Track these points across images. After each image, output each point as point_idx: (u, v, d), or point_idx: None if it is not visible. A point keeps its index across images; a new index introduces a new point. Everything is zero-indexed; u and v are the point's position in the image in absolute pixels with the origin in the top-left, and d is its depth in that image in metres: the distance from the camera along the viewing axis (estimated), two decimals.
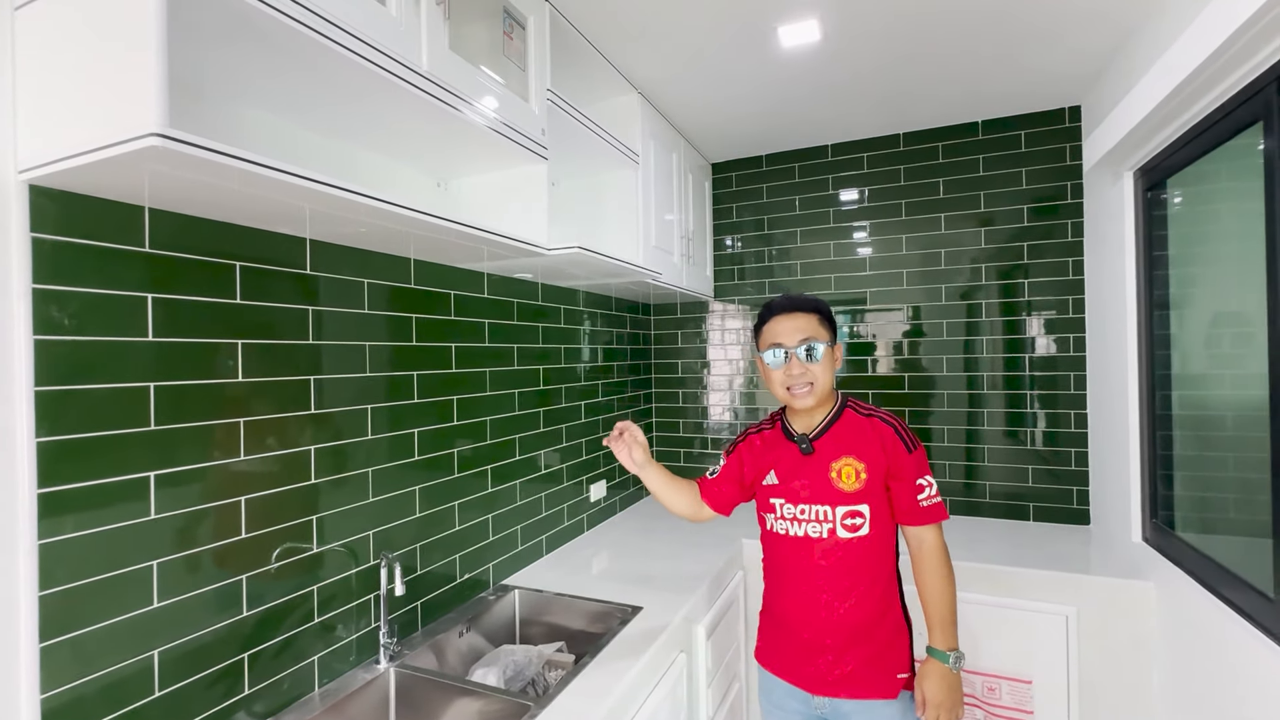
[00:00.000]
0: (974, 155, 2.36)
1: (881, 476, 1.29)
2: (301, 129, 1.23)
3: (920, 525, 1.29)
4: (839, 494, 1.29)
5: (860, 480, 1.28)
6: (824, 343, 1.31)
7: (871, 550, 1.29)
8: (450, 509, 1.62)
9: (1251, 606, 1.27)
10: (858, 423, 1.33)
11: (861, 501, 1.29)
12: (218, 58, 0.95)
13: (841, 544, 1.29)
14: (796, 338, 1.30)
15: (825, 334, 1.32)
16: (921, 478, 1.28)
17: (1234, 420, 1.52)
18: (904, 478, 1.28)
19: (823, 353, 1.30)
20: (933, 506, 1.28)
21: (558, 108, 1.54)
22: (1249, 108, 1.25)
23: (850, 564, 1.29)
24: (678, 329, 2.89)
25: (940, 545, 1.29)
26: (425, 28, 1.10)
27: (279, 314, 1.18)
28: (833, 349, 1.34)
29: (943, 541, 1.30)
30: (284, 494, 1.18)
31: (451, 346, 1.63)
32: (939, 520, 1.29)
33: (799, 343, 1.30)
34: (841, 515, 1.29)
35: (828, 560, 1.30)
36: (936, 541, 1.29)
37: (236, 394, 1.10)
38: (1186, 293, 1.70)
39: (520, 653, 1.53)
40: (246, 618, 1.11)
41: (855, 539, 1.29)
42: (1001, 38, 1.75)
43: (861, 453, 1.30)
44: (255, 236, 1.14)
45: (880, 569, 1.30)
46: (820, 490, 1.31)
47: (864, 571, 1.29)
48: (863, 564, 1.29)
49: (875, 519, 1.29)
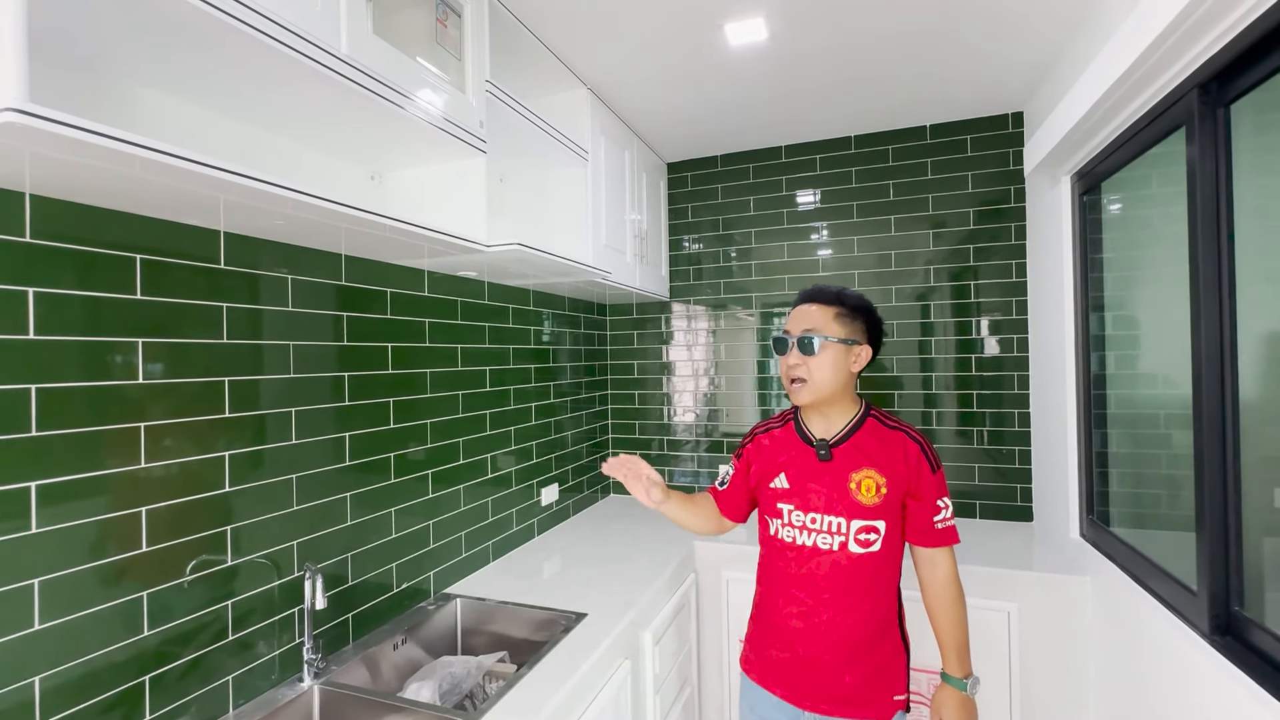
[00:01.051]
0: (922, 159, 2.40)
1: (901, 493, 1.23)
2: (220, 116, 1.16)
3: (933, 547, 1.24)
4: (857, 507, 1.22)
5: (880, 495, 1.21)
6: (828, 337, 1.23)
7: (879, 568, 1.23)
8: (386, 515, 1.55)
9: (1176, 599, 1.31)
10: (882, 434, 1.26)
11: (879, 517, 1.22)
12: (118, 36, 0.88)
13: (852, 559, 1.22)
14: (800, 327, 1.25)
15: (837, 329, 1.24)
16: (941, 499, 1.23)
17: (1163, 419, 1.57)
18: (924, 498, 1.22)
19: (822, 347, 1.23)
20: (947, 529, 1.23)
21: (498, 100, 1.50)
22: (1172, 114, 1.28)
23: (856, 580, 1.23)
24: (635, 329, 2.86)
25: (953, 570, 1.26)
26: (344, 9, 1.05)
27: (187, 311, 1.10)
28: (849, 348, 1.24)
29: (955, 565, 1.26)
30: (193, 503, 1.11)
31: (388, 347, 1.56)
32: (952, 543, 1.24)
33: (801, 332, 1.25)
34: (856, 529, 1.22)
35: (834, 574, 1.23)
36: (949, 566, 1.25)
37: (136, 397, 1.02)
38: (1120, 295, 1.75)
39: (459, 664, 1.47)
40: (148, 637, 1.03)
41: (866, 554, 1.22)
42: (939, 49, 1.77)
43: (885, 466, 1.22)
44: (161, 228, 1.06)
45: (885, 587, 1.25)
46: (836, 501, 1.23)
47: (869, 588, 1.23)
48: (868, 581, 1.23)
49: (889, 536, 1.23)
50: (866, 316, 1.28)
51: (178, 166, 0.80)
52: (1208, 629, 1.19)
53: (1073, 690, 1.74)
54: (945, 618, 1.25)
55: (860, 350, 1.27)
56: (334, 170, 1.43)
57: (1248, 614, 1.14)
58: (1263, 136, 1.17)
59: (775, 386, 2.63)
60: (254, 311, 1.22)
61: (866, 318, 1.28)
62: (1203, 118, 1.19)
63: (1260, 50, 1.05)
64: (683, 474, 2.77)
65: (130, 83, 1.02)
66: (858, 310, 1.27)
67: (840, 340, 1.23)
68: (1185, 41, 1.13)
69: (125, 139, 0.72)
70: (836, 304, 1.26)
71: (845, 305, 1.26)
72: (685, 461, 2.76)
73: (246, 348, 1.21)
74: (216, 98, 1.10)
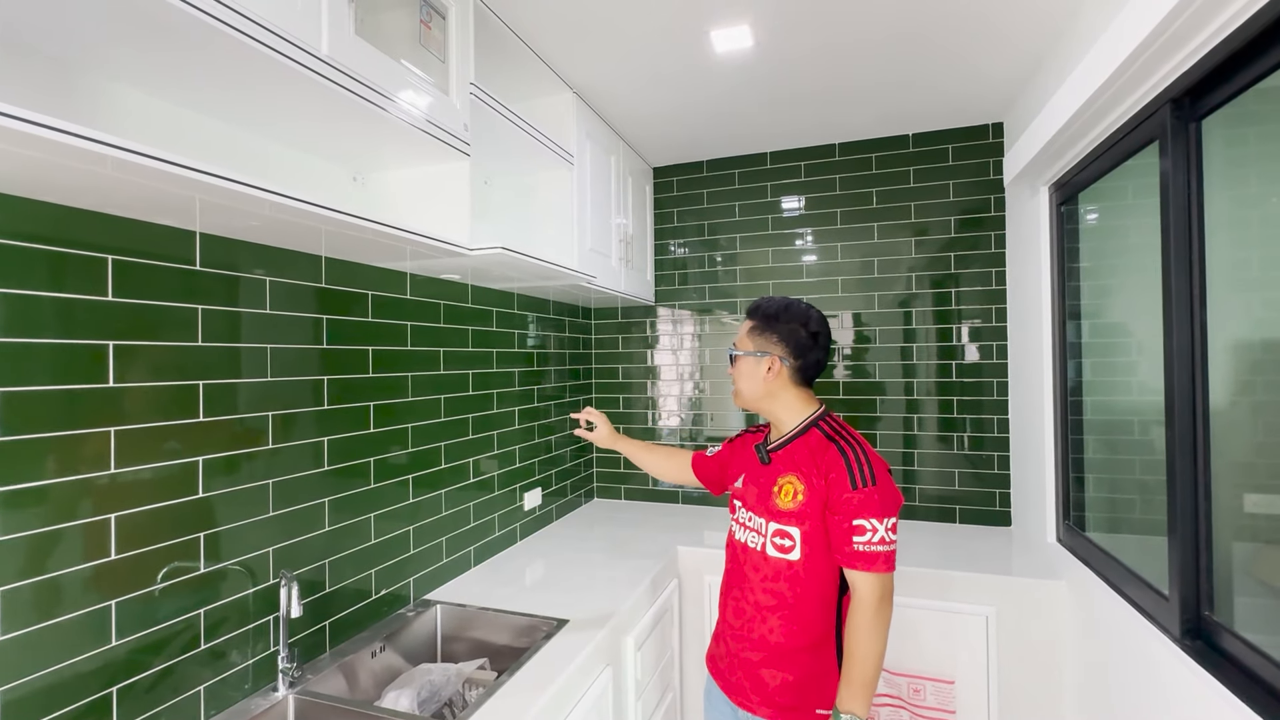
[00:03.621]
0: (905, 167, 2.42)
1: (819, 504, 1.21)
2: (198, 115, 1.14)
3: (851, 568, 1.18)
4: (774, 510, 1.26)
5: (796, 501, 1.23)
6: (740, 351, 1.32)
7: (805, 577, 1.22)
8: (366, 521, 1.53)
9: (1149, 604, 1.33)
10: (816, 443, 1.25)
11: (792, 523, 1.23)
12: (92, 33, 0.86)
13: (770, 561, 1.26)
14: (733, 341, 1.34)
15: (746, 342, 1.31)
16: (864, 519, 1.16)
17: (1138, 425, 1.60)
18: (840, 513, 1.18)
19: (736, 359, 1.32)
20: (871, 553, 1.15)
21: (483, 103, 1.49)
22: (1145, 128, 1.31)
23: (777, 584, 1.25)
24: (620, 333, 2.85)
25: (870, 598, 1.16)
26: (326, 10, 1.04)
27: (161, 313, 1.08)
28: (758, 359, 1.28)
29: (877, 595, 1.16)
30: (165, 510, 1.08)
31: (368, 350, 1.54)
32: (875, 569, 1.15)
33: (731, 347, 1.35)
34: (772, 532, 1.26)
35: (757, 574, 1.28)
36: (866, 592, 1.16)
37: (106, 401, 1.00)
38: (1097, 303, 1.78)
39: (438, 672, 1.45)
40: (116, 647, 1.01)
41: (783, 560, 1.24)
42: (920, 60, 1.79)
43: (806, 474, 1.23)
44: (134, 228, 1.04)
45: (811, 598, 1.23)
46: (761, 502, 1.29)
47: (795, 597, 1.23)
48: (790, 588, 1.23)
49: (808, 544, 1.22)
50: (782, 327, 1.28)
51: (151, 167, 0.79)
52: (1179, 633, 1.21)
53: (1050, 694, 1.76)
54: (848, 644, 1.18)
55: (768, 361, 1.27)
56: (315, 171, 1.41)
57: (1217, 619, 1.16)
58: (1232, 151, 1.20)
59: None
60: (230, 314, 1.20)
61: (782, 328, 1.28)
62: (1175, 132, 1.22)
63: (1230, 68, 1.07)
64: None
65: (106, 80, 1.00)
66: (770, 320, 1.29)
67: (747, 353, 1.30)
68: (1158, 58, 1.15)
69: (96, 138, 0.71)
70: (750, 316, 1.33)
71: (756, 318, 1.32)
72: None
73: (222, 351, 1.19)
74: (194, 96, 1.08)
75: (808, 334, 1.28)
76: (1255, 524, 1.21)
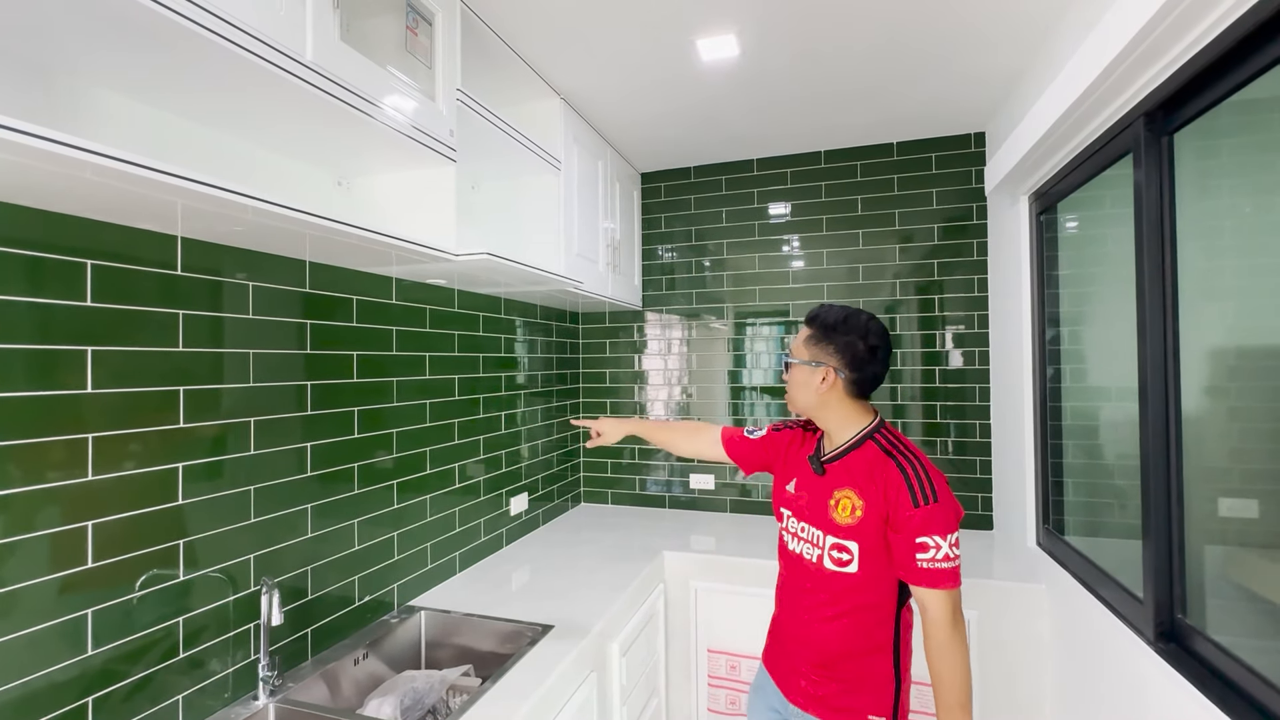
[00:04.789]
0: (889, 175, 2.45)
1: (879, 520, 1.18)
2: (181, 119, 1.13)
3: (917, 586, 1.14)
4: (832, 524, 1.23)
5: (855, 517, 1.20)
6: (796, 360, 1.27)
7: (860, 589, 1.21)
8: (349, 527, 1.52)
9: (1124, 607, 1.35)
10: (874, 457, 1.21)
11: (851, 538, 1.20)
12: (72, 36, 0.86)
13: (827, 574, 1.24)
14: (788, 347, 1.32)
15: (803, 351, 1.27)
16: (927, 536, 1.12)
17: (1114, 430, 1.62)
18: (903, 530, 1.15)
19: (792, 368, 1.28)
20: (935, 571, 1.12)
21: (470, 109, 1.49)
22: (1120, 141, 1.34)
23: (836, 594, 1.23)
24: (608, 338, 2.86)
25: (942, 617, 1.13)
26: (310, 16, 1.03)
27: (141, 318, 1.07)
28: (813, 369, 1.24)
29: (949, 612, 1.13)
30: (144, 517, 1.07)
31: (353, 355, 1.54)
32: (942, 585, 1.12)
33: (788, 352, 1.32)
34: (830, 546, 1.23)
35: (815, 585, 1.26)
36: (938, 611, 1.13)
37: (85, 407, 0.99)
38: (1075, 311, 1.81)
39: (421, 679, 1.45)
40: (92, 656, 1.00)
41: (842, 574, 1.22)
42: (903, 70, 1.82)
43: (865, 490, 1.20)
44: (113, 232, 1.03)
45: (872, 610, 1.21)
46: (818, 515, 1.26)
47: (851, 605, 1.22)
48: (849, 598, 1.22)
49: (866, 559, 1.19)
50: (839, 339, 1.23)
51: (133, 173, 0.78)
52: (1153, 636, 1.23)
53: (1030, 696, 1.78)
54: (931, 668, 1.15)
55: (823, 372, 1.23)
56: (299, 175, 1.40)
57: (1190, 621, 1.19)
58: (1203, 163, 1.23)
59: (747, 396, 2.65)
60: (212, 319, 1.19)
61: (840, 340, 1.23)
62: (1148, 145, 1.25)
63: (1200, 84, 1.10)
64: (655, 483, 2.77)
65: (86, 84, 0.99)
66: (828, 330, 1.25)
67: (802, 362, 1.26)
68: (1132, 73, 1.18)
69: (76, 144, 0.70)
70: (808, 325, 1.29)
71: (814, 327, 1.27)
72: (657, 470, 2.77)
73: (203, 356, 1.18)
74: (177, 101, 1.08)
75: (866, 347, 1.22)
76: (1228, 528, 1.24)
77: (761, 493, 2.62)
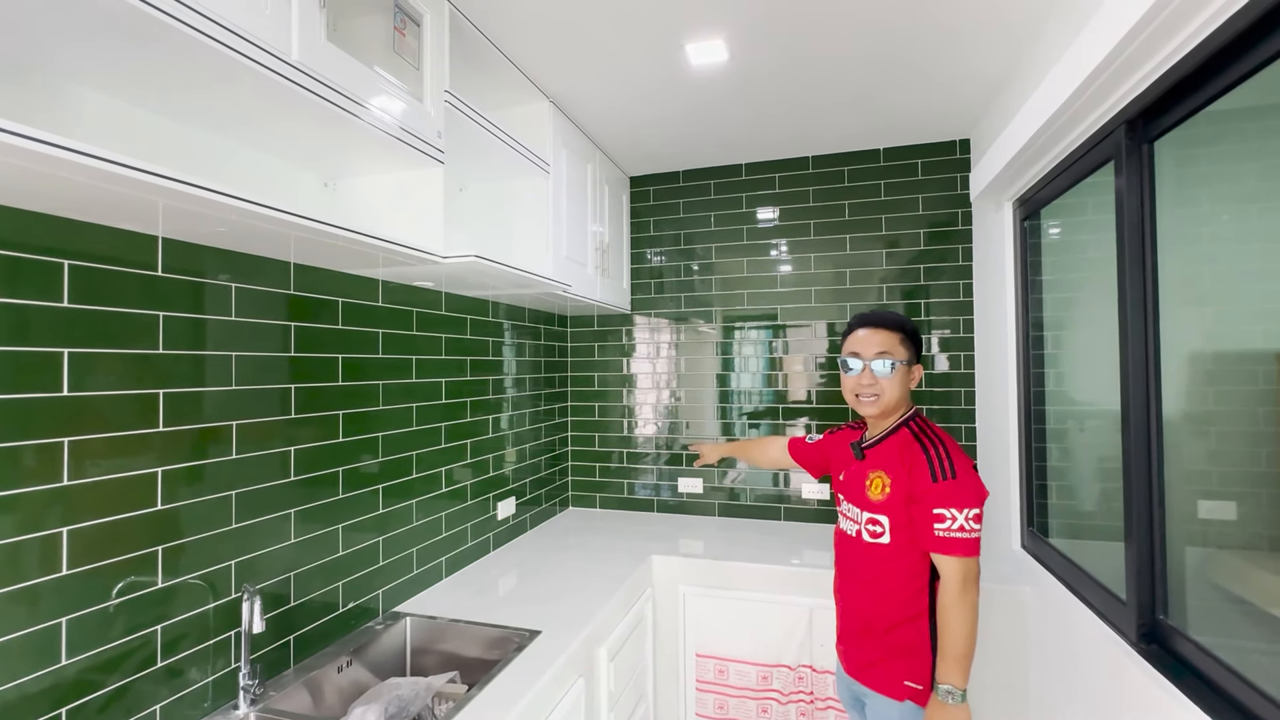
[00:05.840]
0: (876, 180, 2.48)
1: (904, 495, 1.36)
2: (164, 118, 1.11)
3: (936, 553, 1.31)
4: (867, 501, 1.42)
5: (884, 493, 1.39)
6: (899, 360, 1.41)
7: (893, 559, 1.37)
8: (334, 532, 1.50)
9: (1108, 608, 1.37)
10: (905, 441, 1.40)
11: (882, 512, 1.39)
12: (51, 32, 0.84)
13: (865, 546, 1.42)
14: (873, 350, 1.42)
15: (903, 352, 1.42)
16: (944, 508, 1.29)
17: (1097, 433, 1.65)
18: (923, 502, 1.32)
19: (895, 369, 1.40)
20: (951, 539, 1.28)
21: (458, 110, 1.48)
22: (1102, 148, 1.36)
23: (871, 564, 1.40)
24: (596, 341, 2.85)
25: (954, 580, 1.29)
26: (296, 14, 1.02)
27: (120, 320, 1.05)
28: (909, 368, 1.43)
29: (960, 577, 1.28)
30: (121, 522, 1.05)
31: (338, 358, 1.52)
32: (956, 553, 1.28)
33: (875, 355, 1.42)
34: (866, 520, 1.42)
35: (856, 556, 1.44)
36: (950, 574, 1.29)
37: (60, 410, 0.97)
38: (1059, 316, 1.84)
39: (407, 686, 1.43)
40: (66, 666, 0.97)
41: (876, 545, 1.39)
42: (890, 77, 1.84)
43: (892, 469, 1.39)
44: (91, 232, 1.01)
45: (903, 579, 1.36)
46: (856, 493, 1.46)
47: (885, 575, 1.38)
48: (883, 568, 1.38)
49: (896, 530, 1.37)
50: (917, 339, 1.47)
51: (112, 172, 0.77)
52: (1135, 637, 1.24)
53: (1013, 697, 1.80)
54: (940, 623, 1.31)
55: (916, 370, 1.45)
56: (285, 176, 1.39)
57: (1171, 622, 1.20)
58: (1183, 171, 1.25)
59: (736, 399, 2.66)
60: (194, 321, 1.17)
61: (917, 340, 1.47)
62: (1129, 152, 1.27)
63: (1180, 92, 1.12)
64: (643, 486, 2.76)
65: (63, 80, 0.97)
66: (912, 333, 1.45)
67: (905, 362, 1.42)
68: (1114, 81, 1.20)
69: (51, 140, 0.69)
70: (899, 330, 1.44)
71: (904, 330, 1.44)
72: (646, 474, 2.76)
73: (185, 358, 1.16)
74: (160, 99, 1.06)
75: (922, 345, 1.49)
76: (1208, 530, 1.26)
77: (749, 496, 2.62)
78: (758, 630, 2.00)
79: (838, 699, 1.91)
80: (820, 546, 2.22)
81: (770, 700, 1.98)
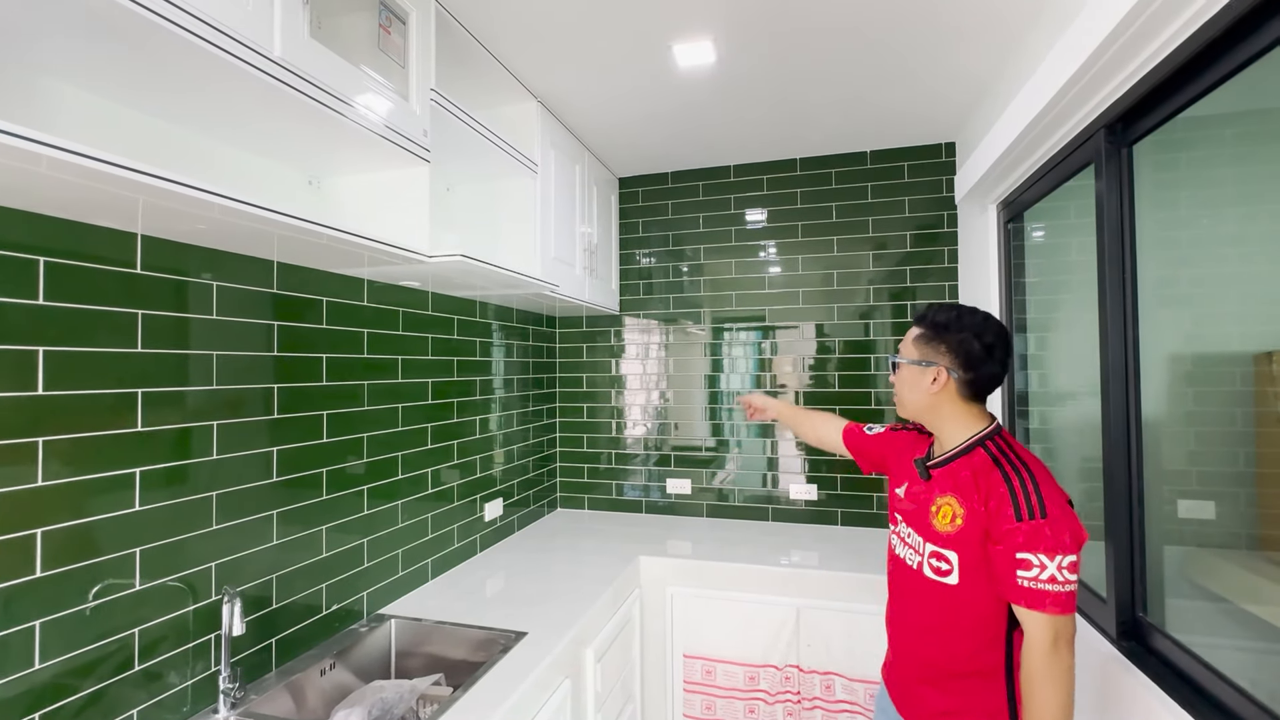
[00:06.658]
0: (863, 183, 2.49)
1: (979, 531, 1.09)
2: (144, 115, 1.10)
3: (1017, 605, 1.04)
4: (932, 531, 1.17)
5: (954, 525, 1.12)
6: (905, 359, 1.21)
7: (962, 603, 1.12)
8: (317, 534, 1.49)
9: (1088, 605, 1.38)
10: (981, 464, 1.12)
11: (950, 547, 1.13)
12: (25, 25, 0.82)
13: (927, 583, 1.17)
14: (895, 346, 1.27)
15: (911, 350, 1.21)
16: (1031, 553, 1.01)
17: (1078, 433, 1.67)
18: (1003, 543, 1.05)
19: (900, 367, 1.23)
20: (1038, 591, 1.00)
21: (444, 109, 1.48)
22: (1082, 152, 1.38)
23: (935, 606, 1.16)
24: (584, 342, 2.85)
25: (1040, 641, 1.01)
26: (279, 10, 1.01)
27: (98, 318, 1.04)
28: (923, 369, 1.17)
29: (1049, 638, 1.00)
30: (97, 524, 1.03)
31: (323, 358, 1.51)
32: (1044, 609, 1.00)
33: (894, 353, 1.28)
34: (929, 553, 1.16)
35: (917, 593, 1.20)
36: (1035, 634, 1.02)
37: (35, 410, 0.95)
38: (1042, 317, 1.86)
39: (391, 689, 1.41)
40: (40, 670, 0.95)
41: (942, 584, 1.14)
42: (876, 81, 1.85)
43: (966, 497, 1.12)
44: (68, 229, 1.00)
45: (973, 625, 1.11)
46: (919, 520, 1.20)
47: (953, 620, 1.13)
48: (951, 612, 1.13)
49: (967, 570, 1.11)
50: (952, 337, 1.16)
51: (91, 168, 0.76)
52: (1115, 634, 1.26)
53: None
54: (1023, 691, 1.05)
55: (934, 373, 1.16)
56: (269, 174, 1.37)
57: (1150, 620, 1.22)
58: (1162, 175, 1.28)
59: (725, 400, 2.66)
60: (174, 320, 1.16)
61: (952, 339, 1.16)
62: (1109, 156, 1.29)
63: (1157, 97, 1.14)
64: (632, 488, 2.76)
65: (37, 74, 0.96)
66: (939, 329, 1.18)
67: (911, 362, 1.20)
68: (1093, 85, 1.22)
69: (25, 135, 0.68)
70: (917, 324, 1.23)
71: (923, 325, 1.21)
72: (635, 475, 2.76)
73: (164, 357, 1.14)
74: (138, 95, 1.04)
75: (981, 346, 1.13)
76: (1186, 529, 1.28)
77: (737, 497, 2.63)
78: (745, 631, 2.00)
79: (825, 699, 1.91)
80: (807, 546, 2.23)
81: (757, 700, 1.98)
